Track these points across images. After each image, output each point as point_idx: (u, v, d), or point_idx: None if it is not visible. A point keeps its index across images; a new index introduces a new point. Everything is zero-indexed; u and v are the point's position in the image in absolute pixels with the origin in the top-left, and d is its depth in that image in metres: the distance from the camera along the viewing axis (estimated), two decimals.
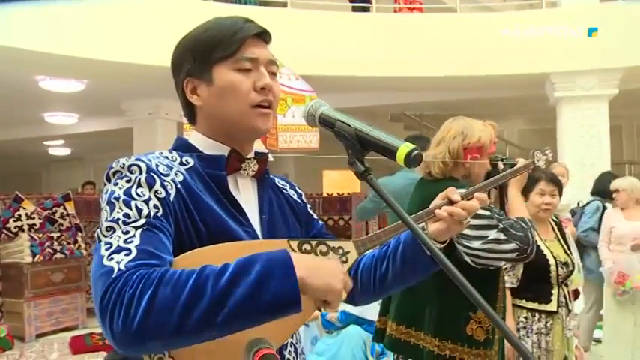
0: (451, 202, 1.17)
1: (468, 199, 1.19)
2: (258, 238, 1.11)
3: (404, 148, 0.97)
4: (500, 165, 2.19)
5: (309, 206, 1.34)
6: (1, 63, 5.83)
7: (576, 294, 3.80)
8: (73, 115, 8.65)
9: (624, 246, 4.25)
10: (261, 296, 0.87)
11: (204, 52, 1.10)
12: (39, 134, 9.72)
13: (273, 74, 1.14)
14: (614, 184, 4.51)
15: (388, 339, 2.21)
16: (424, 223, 1.18)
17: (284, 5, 6.75)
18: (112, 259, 0.91)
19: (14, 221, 6.12)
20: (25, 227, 6.17)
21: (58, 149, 12.04)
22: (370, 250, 1.18)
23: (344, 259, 1.07)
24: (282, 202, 1.24)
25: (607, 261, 4.30)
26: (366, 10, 7.20)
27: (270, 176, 1.24)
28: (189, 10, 5.94)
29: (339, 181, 10.45)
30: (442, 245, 1.20)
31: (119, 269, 0.89)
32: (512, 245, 1.96)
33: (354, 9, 7.28)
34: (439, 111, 8.94)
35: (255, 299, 0.87)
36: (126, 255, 0.91)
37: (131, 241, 0.93)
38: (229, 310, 0.86)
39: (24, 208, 6.25)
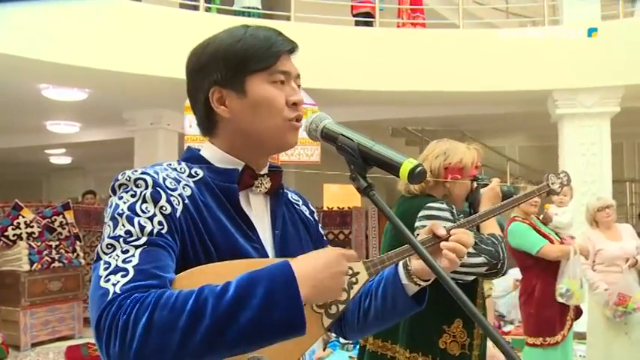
0: (436, 237, 1.13)
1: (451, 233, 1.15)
2: (267, 255, 1.08)
3: (407, 164, 0.95)
4: (474, 184, 2.21)
5: (320, 224, 1.31)
6: (3, 71, 5.85)
7: (578, 312, 3.75)
8: (74, 124, 8.65)
9: (617, 267, 4.13)
10: (264, 322, 0.84)
11: (238, 63, 1.07)
12: (40, 142, 9.71)
13: (299, 87, 1.14)
14: (605, 202, 4.38)
15: (367, 353, 2.22)
16: (407, 259, 1.13)
17: (287, 19, 6.77)
18: (108, 280, 0.88)
19: (13, 229, 6.10)
20: (24, 235, 6.14)
21: (59, 158, 12.03)
22: None
23: (353, 279, 1.03)
24: (295, 219, 1.22)
25: (600, 283, 4.12)
26: (368, 24, 7.23)
27: (285, 190, 1.22)
28: (193, 22, 5.97)
29: (340, 195, 10.43)
30: (426, 284, 1.16)
31: (114, 292, 0.86)
32: (480, 259, 1.97)
33: (357, 23, 7.31)
34: (441, 126, 8.95)
35: (259, 325, 0.84)
36: (122, 277, 0.88)
37: (129, 261, 0.90)
38: (230, 336, 0.83)
39: (23, 216, 6.23)
